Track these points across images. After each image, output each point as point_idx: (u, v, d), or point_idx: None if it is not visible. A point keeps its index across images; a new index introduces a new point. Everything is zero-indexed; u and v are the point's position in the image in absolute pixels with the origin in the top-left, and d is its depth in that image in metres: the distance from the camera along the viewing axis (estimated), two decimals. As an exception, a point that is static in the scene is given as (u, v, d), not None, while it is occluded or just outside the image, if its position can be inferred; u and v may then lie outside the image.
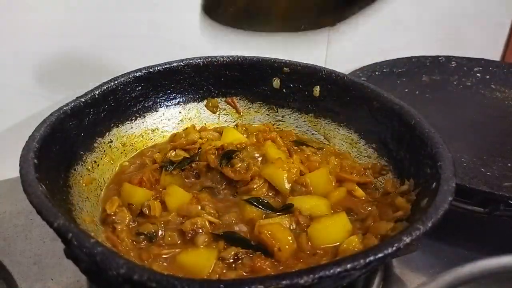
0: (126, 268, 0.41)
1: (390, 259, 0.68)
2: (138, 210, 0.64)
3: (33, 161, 0.54)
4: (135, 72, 0.76)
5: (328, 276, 0.42)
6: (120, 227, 0.61)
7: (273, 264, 0.56)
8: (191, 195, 0.67)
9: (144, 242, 0.60)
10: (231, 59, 0.83)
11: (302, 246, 0.60)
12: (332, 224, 0.62)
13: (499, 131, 0.93)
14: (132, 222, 0.63)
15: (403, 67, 1.14)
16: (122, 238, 0.59)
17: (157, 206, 0.64)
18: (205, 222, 0.62)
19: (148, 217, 0.63)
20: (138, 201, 0.65)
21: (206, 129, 0.83)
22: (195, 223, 0.61)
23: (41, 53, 0.80)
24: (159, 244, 0.60)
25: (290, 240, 0.59)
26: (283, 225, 0.61)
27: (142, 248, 0.59)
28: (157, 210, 0.64)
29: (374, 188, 0.71)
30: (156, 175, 0.71)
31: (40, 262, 0.69)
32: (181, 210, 0.64)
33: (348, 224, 0.62)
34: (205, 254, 0.58)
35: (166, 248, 0.59)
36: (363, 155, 0.76)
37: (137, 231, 0.61)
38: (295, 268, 0.55)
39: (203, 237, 0.60)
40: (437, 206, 0.51)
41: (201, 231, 0.61)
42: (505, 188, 0.74)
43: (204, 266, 0.56)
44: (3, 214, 0.79)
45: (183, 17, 0.90)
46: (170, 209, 0.65)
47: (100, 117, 0.72)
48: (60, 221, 0.46)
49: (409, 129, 0.67)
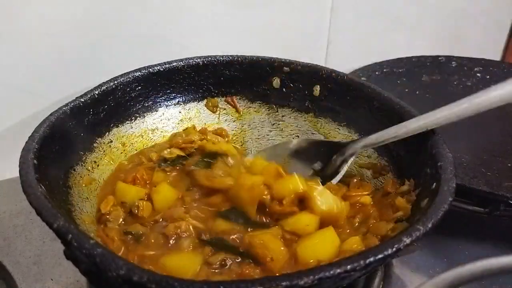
0: (125, 270, 0.41)
1: (390, 260, 0.68)
2: (129, 209, 0.64)
3: (32, 161, 0.54)
4: (135, 72, 0.76)
5: (328, 277, 0.42)
6: (111, 226, 0.61)
7: (263, 273, 0.55)
8: (178, 194, 0.66)
9: (132, 242, 0.60)
10: (231, 59, 0.82)
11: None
12: (320, 242, 0.60)
13: (499, 131, 0.93)
14: (124, 221, 0.63)
15: (403, 67, 1.14)
16: (112, 237, 0.59)
17: (145, 206, 0.64)
18: (189, 226, 0.61)
19: (138, 216, 0.63)
20: (131, 200, 0.65)
21: (206, 131, 0.83)
22: (179, 227, 0.61)
23: (41, 53, 0.80)
24: (145, 245, 0.60)
25: (283, 250, 0.58)
26: (274, 235, 0.60)
27: (129, 248, 0.59)
28: (145, 211, 0.63)
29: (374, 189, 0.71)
30: (151, 173, 0.71)
31: (40, 262, 0.69)
32: (165, 212, 0.64)
33: (337, 239, 0.60)
34: (189, 257, 0.57)
35: (151, 249, 0.59)
36: (363, 155, 0.76)
37: (125, 230, 0.61)
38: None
39: (188, 241, 0.59)
40: (437, 207, 0.51)
41: (185, 235, 0.60)
42: (505, 188, 0.74)
43: (188, 269, 0.55)
44: (3, 214, 0.78)
45: (183, 17, 0.90)
46: (157, 209, 0.65)
47: (100, 117, 0.72)
48: (60, 222, 0.46)
49: (409, 129, 0.67)
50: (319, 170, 0.76)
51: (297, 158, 0.78)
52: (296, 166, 0.77)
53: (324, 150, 0.75)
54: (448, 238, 0.75)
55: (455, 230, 0.76)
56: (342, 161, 0.72)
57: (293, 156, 0.78)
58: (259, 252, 0.57)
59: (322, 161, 0.75)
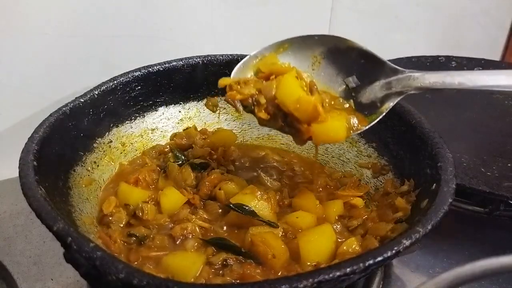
0: (125, 273, 0.41)
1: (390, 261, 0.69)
2: (133, 211, 0.64)
3: (32, 163, 0.54)
4: (135, 72, 0.76)
5: (327, 280, 0.42)
6: (114, 228, 0.61)
7: (264, 272, 0.56)
8: (184, 198, 0.66)
9: (134, 244, 0.60)
10: (231, 58, 0.82)
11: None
12: (319, 236, 0.60)
13: (499, 131, 0.93)
14: (127, 223, 0.63)
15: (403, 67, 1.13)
16: (115, 239, 0.59)
17: (150, 209, 0.64)
18: (195, 227, 0.62)
19: (142, 219, 0.63)
20: (134, 202, 0.65)
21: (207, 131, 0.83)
22: (185, 228, 0.61)
23: (41, 53, 0.80)
24: (149, 246, 0.60)
25: (284, 248, 0.58)
26: (275, 234, 0.60)
27: (131, 250, 0.59)
28: (149, 214, 0.64)
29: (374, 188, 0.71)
30: (154, 175, 0.71)
31: (40, 262, 0.69)
32: (172, 214, 0.64)
33: (334, 234, 0.61)
34: (192, 257, 0.58)
35: (155, 250, 0.59)
36: (363, 154, 0.76)
37: (128, 232, 0.61)
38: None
39: (193, 242, 0.60)
40: (437, 208, 0.51)
41: (191, 236, 0.61)
42: (505, 188, 0.74)
43: (190, 269, 0.55)
44: (3, 214, 0.78)
45: (183, 17, 0.90)
46: (164, 211, 0.65)
47: (100, 117, 0.72)
48: (59, 225, 0.46)
49: (409, 129, 0.67)
50: (353, 88, 0.64)
51: (331, 61, 0.65)
52: (327, 72, 0.65)
53: (367, 65, 0.63)
54: (448, 238, 0.75)
55: (455, 230, 0.76)
56: (385, 95, 0.62)
57: (326, 57, 0.65)
58: (261, 249, 0.57)
59: (360, 78, 0.64)
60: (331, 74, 0.65)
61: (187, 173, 0.70)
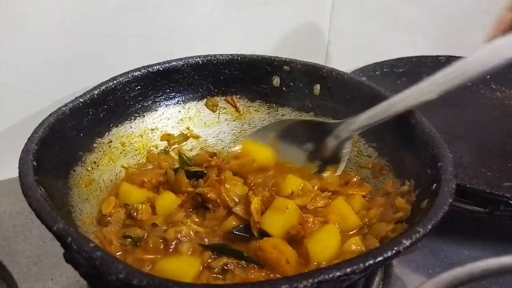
0: (125, 273, 0.41)
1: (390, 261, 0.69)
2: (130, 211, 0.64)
3: (32, 163, 0.54)
4: (134, 72, 0.76)
5: (327, 280, 0.42)
6: (111, 228, 0.61)
7: (268, 276, 0.55)
8: (179, 201, 0.66)
9: (130, 245, 0.60)
10: (231, 58, 0.82)
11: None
12: (326, 236, 0.60)
13: (499, 131, 0.93)
14: (123, 223, 0.63)
15: (404, 67, 1.13)
16: (110, 239, 0.59)
17: (144, 210, 0.64)
18: (189, 231, 0.61)
19: (137, 220, 0.63)
20: (134, 202, 0.65)
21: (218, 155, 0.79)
22: (179, 232, 0.61)
23: (41, 53, 0.80)
24: (144, 249, 0.60)
25: (294, 252, 0.58)
26: (282, 240, 0.59)
27: (127, 251, 0.59)
28: (144, 214, 0.63)
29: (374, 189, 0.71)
30: (160, 178, 0.71)
31: (40, 262, 0.69)
32: (167, 216, 0.64)
33: (339, 234, 0.61)
34: (188, 261, 0.57)
35: (150, 253, 0.59)
36: (363, 154, 0.76)
37: (124, 233, 0.61)
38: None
39: (187, 245, 0.59)
40: (437, 208, 0.51)
41: (185, 240, 0.60)
42: (505, 188, 0.74)
43: (187, 273, 0.55)
44: (3, 214, 0.78)
45: (183, 17, 0.90)
46: (158, 212, 0.65)
47: (99, 117, 0.72)
48: (59, 225, 0.46)
49: (409, 129, 0.67)
50: (312, 152, 0.76)
51: (287, 139, 0.79)
52: (287, 148, 0.78)
53: (315, 130, 0.75)
54: (448, 238, 0.75)
55: (455, 230, 0.76)
56: (338, 145, 0.73)
57: (282, 137, 0.79)
58: (273, 256, 0.56)
59: (313, 142, 0.76)
60: (290, 149, 0.78)
61: (182, 180, 0.69)
